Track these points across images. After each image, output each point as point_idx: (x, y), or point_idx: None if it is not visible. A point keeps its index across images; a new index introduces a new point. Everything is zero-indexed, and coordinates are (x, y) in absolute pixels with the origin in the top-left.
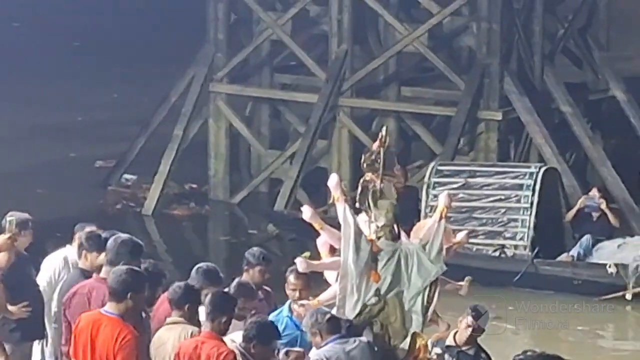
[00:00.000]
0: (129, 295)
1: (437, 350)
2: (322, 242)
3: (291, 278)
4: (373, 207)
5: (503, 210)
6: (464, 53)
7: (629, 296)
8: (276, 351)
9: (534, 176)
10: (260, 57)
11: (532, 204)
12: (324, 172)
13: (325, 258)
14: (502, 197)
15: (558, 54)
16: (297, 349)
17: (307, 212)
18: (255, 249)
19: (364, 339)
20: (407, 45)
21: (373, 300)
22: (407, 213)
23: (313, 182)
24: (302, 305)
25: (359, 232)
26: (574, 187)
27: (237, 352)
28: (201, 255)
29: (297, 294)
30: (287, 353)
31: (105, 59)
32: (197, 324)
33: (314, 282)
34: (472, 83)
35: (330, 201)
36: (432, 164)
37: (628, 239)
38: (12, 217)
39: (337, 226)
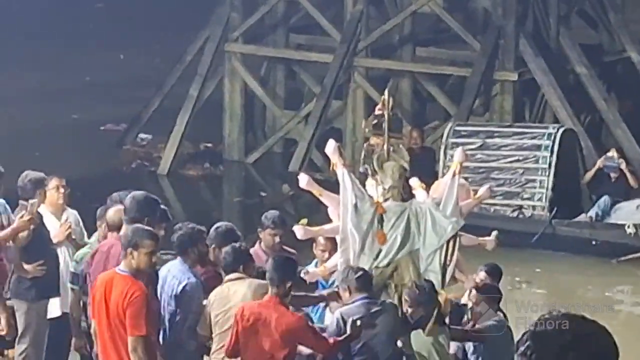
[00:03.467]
0: (129, 250)
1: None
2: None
3: (320, 239)
4: (378, 170)
5: (521, 171)
6: (480, 14)
7: None
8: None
9: (552, 137)
10: (276, 17)
11: (550, 164)
12: (338, 132)
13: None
14: (520, 158)
15: (573, 16)
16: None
17: (303, 180)
18: (271, 212)
19: (389, 301)
20: (422, 6)
21: (384, 262)
22: (424, 173)
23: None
24: (308, 272)
25: (360, 195)
26: (588, 149)
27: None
28: (215, 215)
29: (326, 254)
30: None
31: (124, 22)
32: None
33: None
34: (487, 44)
35: (331, 167)
36: (449, 125)
37: None
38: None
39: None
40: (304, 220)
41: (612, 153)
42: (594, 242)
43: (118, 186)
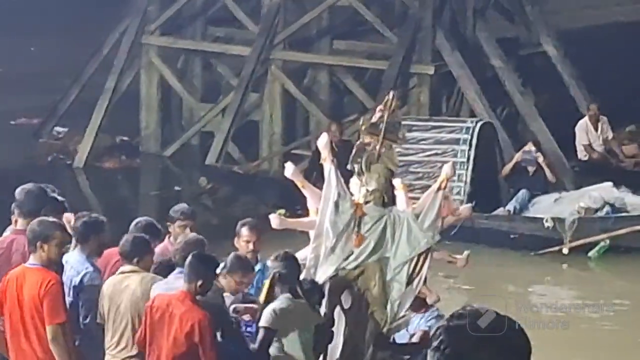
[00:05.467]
0: (38, 244)
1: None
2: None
3: (244, 230)
4: (365, 171)
5: (440, 165)
6: (397, 7)
7: (565, 251)
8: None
9: (471, 130)
10: (193, 10)
11: (468, 158)
12: (255, 125)
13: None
14: (439, 152)
15: (490, 9)
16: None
17: (289, 170)
18: (179, 204)
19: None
20: None
21: (353, 264)
22: (343, 166)
23: (245, 135)
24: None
25: (342, 194)
26: (505, 142)
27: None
28: (133, 208)
29: (250, 246)
30: (235, 310)
31: (39, 11)
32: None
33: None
34: (404, 37)
35: (320, 161)
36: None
37: (564, 193)
38: None
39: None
40: (282, 211)
41: (530, 147)
42: (512, 236)
43: (34, 180)
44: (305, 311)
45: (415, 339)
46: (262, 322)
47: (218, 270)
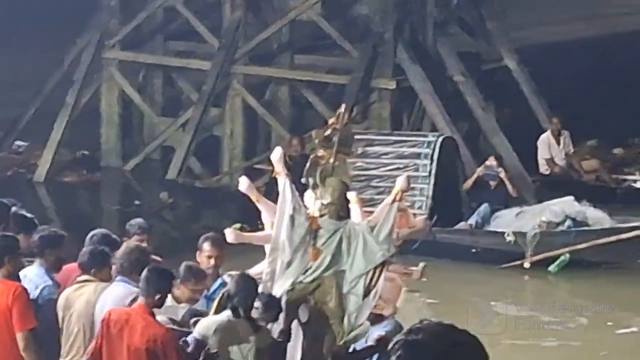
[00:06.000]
0: (6, 259)
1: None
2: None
3: (205, 245)
4: (320, 184)
5: None
6: (358, 22)
7: (527, 265)
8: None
9: (432, 145)
10: (154, 24)
11: (430, 172)
12: (216, 140)
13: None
14: (400, 166)
15: (451, 23)
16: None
17: (243, 184)
18: (135, 219)
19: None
20: (301, 14)
21: (309, 278)
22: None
23: (206, 150)
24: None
25: (297, 208)
26: (467, 157)
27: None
28: (94, 223)
29: (211, 261)
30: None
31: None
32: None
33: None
34: (365, 52)
35: (273, 174)
36: None
37: (525, 207)
38: None
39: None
40: (237, 225)
41: (491, 161)
42: (474, 250)
43: None
44: (243, 330)
45: (371, 342)
46: (195, 333)
47: None
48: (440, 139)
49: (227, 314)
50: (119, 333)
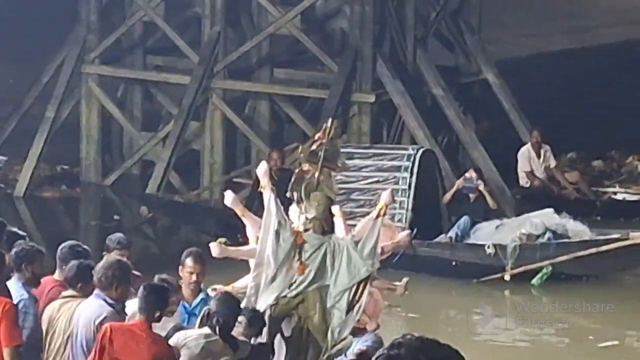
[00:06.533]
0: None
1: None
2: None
3: (188, 261)
4: (305, 199)
5: (381, 192)
6: (337, 36)
7: (507, 277)
8: None
9: (412, 158)
10: (133, 39)
11: (410, 185)
12: (196, 154)
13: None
14: (380, 179)
15: (430, 38)
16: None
17: (229, 198)
18: (115, 234)
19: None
20: (280, 28)
21: (293, 293)
22: (283, 194)
23: (186, 164)
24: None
25: (282, 223)
26: (446, 170)
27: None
28: (73, 238)
29: (193, 277)
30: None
31: None
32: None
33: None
34: (344, 66)
35: (259, 189)
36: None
37: (505, 220)
38: None
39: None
40: (222, 239)
41: (471, 174)
42: (454, 263)
43: None
44: (217, 349)
45: (351, 357)
46: (170, 341)
47: None
48: (420, 151)
49: (204, 331)
50: (122, 348)
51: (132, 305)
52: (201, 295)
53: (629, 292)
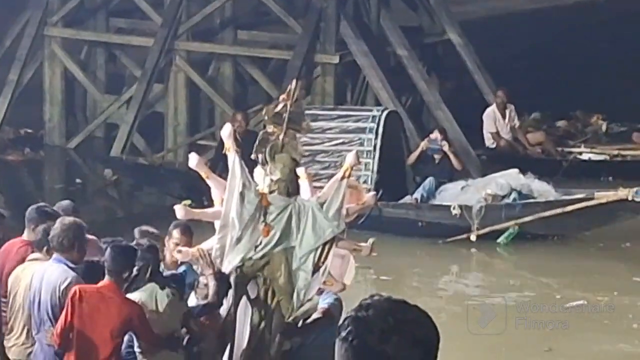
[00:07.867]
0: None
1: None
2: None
3: (175, 232)
4: (270, 161)
5: (346, 154)
6: None
7: (473, 238)
8: None
9: (377, 119)
10: (96, 1)
11: (375, 147)
12: (160, 116)
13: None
14: (345, 141)
15: None
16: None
17: (193, 160)
18: (63, 201)
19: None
20: None
21: (259, 254)
22: (248, 156)
23: (149, 126)
24: (180, 251)
25: (247, 184)
26: (411, 131)
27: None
28: (37, 201)
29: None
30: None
31: None
32: None
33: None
34: (308, 27)
35: (223, 151)
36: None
37: (470, 181)
38: None
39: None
40: (187, 201)
41: (435, 135)
42: (420, 224)
43: None
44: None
45: (316, 316)
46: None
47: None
48: (385, 113)
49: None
50: (92, 310)
51: (135, 296)
52: (183, 267)
53: (592, 250)
